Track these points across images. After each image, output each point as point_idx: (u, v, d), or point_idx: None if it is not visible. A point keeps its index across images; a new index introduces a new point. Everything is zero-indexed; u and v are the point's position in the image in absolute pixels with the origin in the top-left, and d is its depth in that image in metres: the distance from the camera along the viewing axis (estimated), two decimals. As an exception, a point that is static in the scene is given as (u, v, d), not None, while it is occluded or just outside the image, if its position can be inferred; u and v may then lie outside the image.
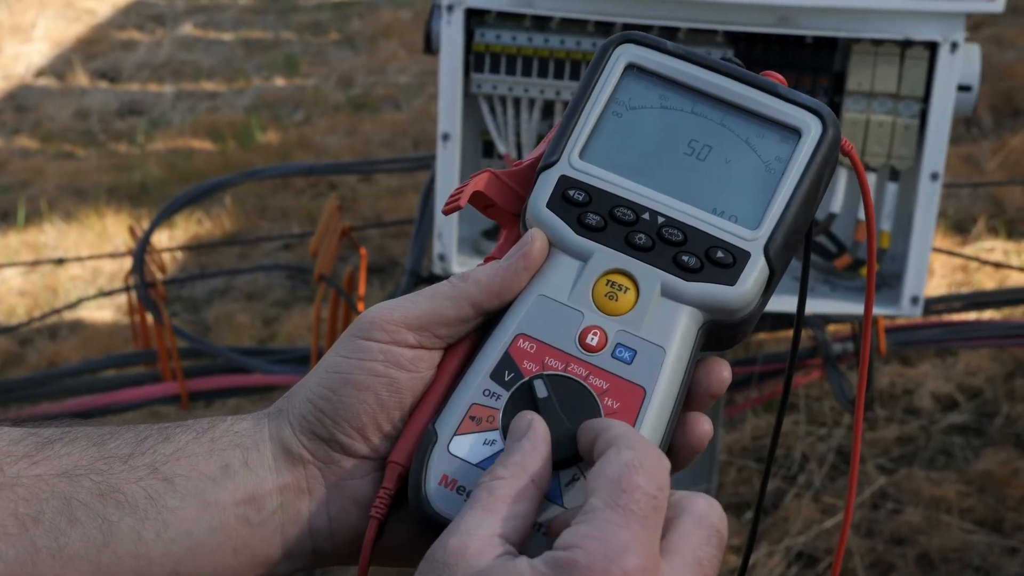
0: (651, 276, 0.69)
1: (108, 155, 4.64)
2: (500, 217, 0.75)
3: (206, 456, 0.68)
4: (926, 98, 1.76)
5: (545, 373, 0.68)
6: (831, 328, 2.59)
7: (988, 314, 3.15)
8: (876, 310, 1.87)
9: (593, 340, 0.68)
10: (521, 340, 0.69)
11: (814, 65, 1.79)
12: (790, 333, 2.92)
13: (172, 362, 2.40)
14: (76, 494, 0.67)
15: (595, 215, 0.70)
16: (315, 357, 2.31)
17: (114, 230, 4.01)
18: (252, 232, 4.00)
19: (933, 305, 2.85)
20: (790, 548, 2.63)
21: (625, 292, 0.69)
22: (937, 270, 3.53)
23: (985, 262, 3.47)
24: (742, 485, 2.81)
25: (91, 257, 3.84)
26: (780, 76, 0.74)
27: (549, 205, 0.71)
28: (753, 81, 0.73)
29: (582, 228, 0.70)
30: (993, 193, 3.93)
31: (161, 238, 3.89)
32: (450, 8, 1.78)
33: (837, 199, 1.81)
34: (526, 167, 0.74)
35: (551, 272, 0.70)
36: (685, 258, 0.69)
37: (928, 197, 1.78)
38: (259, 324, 3.54)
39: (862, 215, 1.82)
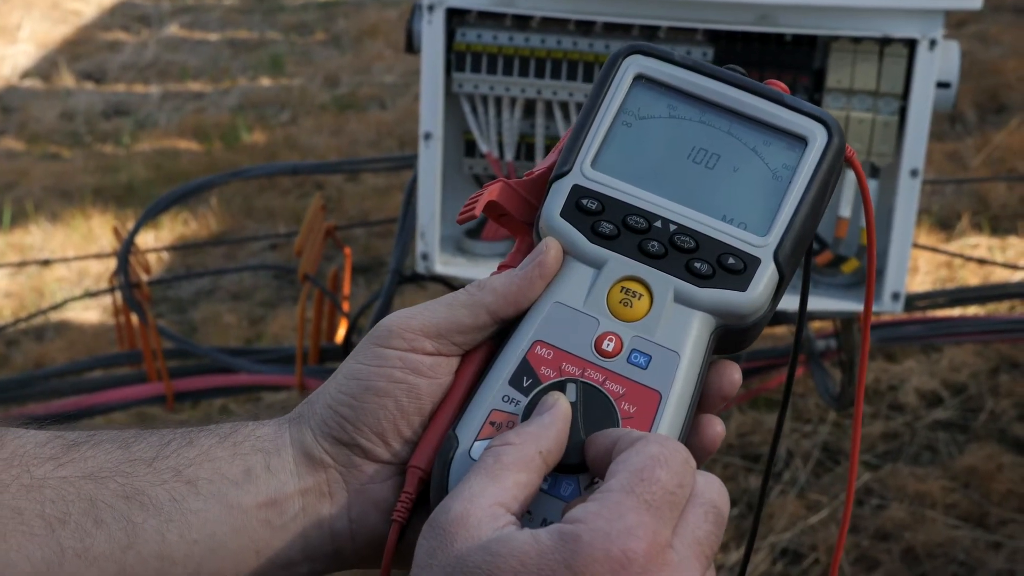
0: (664, 283, 0.71)
1: (94, 156, 4.63)
2: (513, 226, 0.76)
3: (229, 460, 0.70)
4: (905, 95, 1.77)
5: (578, 379, 0.69)
6: (815, 325, 2.60)
7: (972, 310, 3.16)
8: (857, 306, 1.88)
9: (609, 346, 0.70)
10: (538, 347, 0.70)
11: (794, 63, 1.80)
12: (774, 330, 2.93)
13: (157, 363, 2.40)
14: (101, 496, 0.68)
15: (608, 223, 0.72)
16: (300, 357, 2.32)
17: (100, 231, 4.01)
18: (238, 232, 3.99)
19: (917, 301, 2.86)
20: (775, 544, 2.64)
21: (639, 299, 0.71)
22: (921, 267, 3.54)
23: (969, 258, 3.48)
24: (728, 482, 2.82)
25: (77, 258, 3.84)
26: (784, 85, 0.76)
27: (563, 214, 0.72)
28: (759, 90, 0.75)
29: (596, 236, 0.72)
30: (977, 189, 3.95)
31: (147, 239, 3.89)
32: (431, 8, 1.79)
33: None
34: (538, 177, 0.76)
35: (566, 280, 0.72)
36: (697, 265, 0.71)
37: (908, 193, 1.79)
38: (245, 324, 3.54)
39: (842, 211, 1.83)
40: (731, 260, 0.71)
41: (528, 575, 0.59)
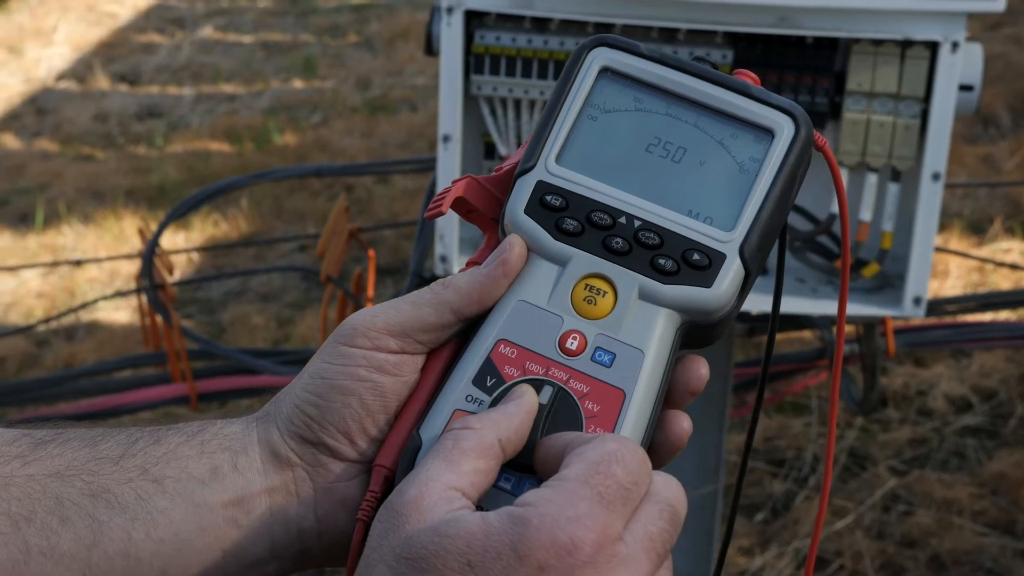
0: (629, 280, 0.70)
1: (127, 158, 4.67)
2: (481, 222, 0.76)
3: (196, 459, 0.70)
4: (927, 98, 1.75)
5: (542, 378, 0.69)
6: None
7: (1004, 315, 3.13)
8: (880, 311, 1.87)
9: (573, 344, 0.70)
10: (502, 346, 0.70)
11: (814, 65, 1.78)
12: (800, 334, 2.92)
13: (181, 363, 2.42)
14: (67, 494, 0.68)
15: (572, 220, 0.71)
16: (322, 358, 2.32)
17: (131, 232, 4.04)
18: (268, 233, 4.01)
19: (947, 305, 2.84)
20: (799, 550, 2.63)
21: (603, 296, 0.70)
22: (953, 271, 3.51)
23: (1000, 264, 3.45)
24: (752, 487, 2.80)
25: (108, 259, 3.87)
26: (753, 75, 0.75)
27: (527, 211, 0.72)
28: (726, 82, 0.74)
29: (560, 233, 0.71)
30: (1010, 193, 3.91)
31: (177, 239, 3.91)
32: (450, 10, 1.78)
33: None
34: (505, 173, 0.75)
35: (530, 277, 0.71)
36: (662, 261, 0.70)
37: (930, 197, 1.77)
38: (274, 325, 3.56)
39: (863, 215, 1.82)
40: (696, 256, 0.70)
41: (474, 556, 0.58)
